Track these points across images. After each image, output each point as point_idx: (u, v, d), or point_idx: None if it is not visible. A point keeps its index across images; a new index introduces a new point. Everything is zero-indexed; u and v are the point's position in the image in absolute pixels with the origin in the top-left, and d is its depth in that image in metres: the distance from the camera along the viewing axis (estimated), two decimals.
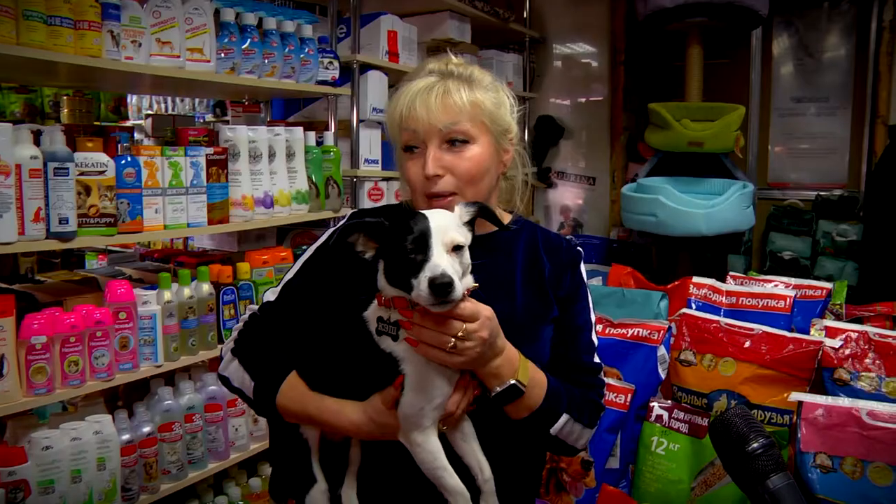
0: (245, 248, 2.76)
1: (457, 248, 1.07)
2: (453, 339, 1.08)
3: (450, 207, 1.22)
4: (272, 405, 1.23)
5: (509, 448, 1.28)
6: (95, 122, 3.77)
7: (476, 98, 1.26)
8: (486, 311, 1.11)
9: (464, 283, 1.07)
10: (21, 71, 2.17)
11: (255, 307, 1.35)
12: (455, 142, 1.24)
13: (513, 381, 1.18)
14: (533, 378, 1.22)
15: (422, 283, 1.02)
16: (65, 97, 3.42)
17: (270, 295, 1.34)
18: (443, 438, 1.16)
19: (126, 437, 2.08)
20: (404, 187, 1.35)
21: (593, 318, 1.38)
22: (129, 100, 4.24)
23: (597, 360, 1.38)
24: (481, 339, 1.10)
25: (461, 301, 1.06)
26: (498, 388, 1.17)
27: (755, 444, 1.17)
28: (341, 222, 1.33)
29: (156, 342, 2.13)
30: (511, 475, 1.27)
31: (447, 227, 1.08)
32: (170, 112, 4.47)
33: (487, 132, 1.27)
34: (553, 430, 1.27)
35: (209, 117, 4.58)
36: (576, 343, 1.35)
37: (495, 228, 1.28)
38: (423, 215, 1.09)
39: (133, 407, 2.19)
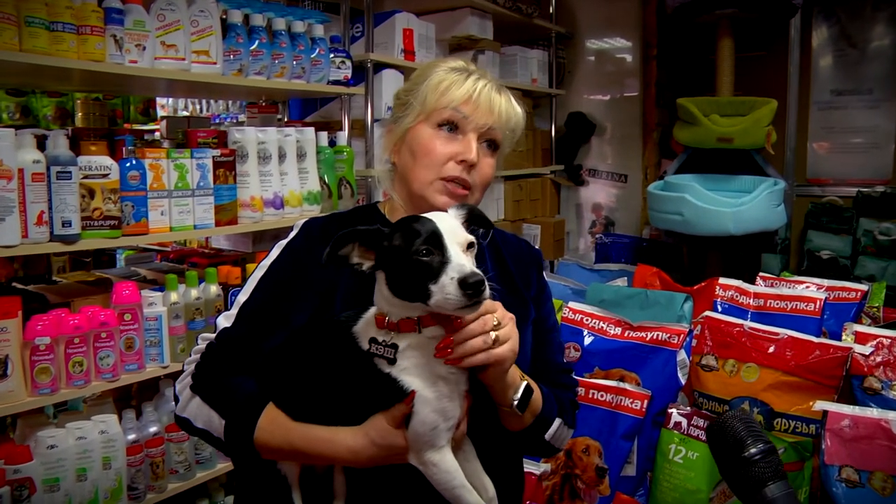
0: (259, 248, 2.77)
1: (470, 247, 1.02)
2: (493, 333, 1.03)
3: (461, 200, 1.21)
4: (249, 443, 1.11)
5: (498, 467, 1.23)
6: (126, 125, 3.85)
7: (519, 120, 1.29)
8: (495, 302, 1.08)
9: None
10: (26, 77, 2.21)
11: (211, 336, 1.22)
12: (490, 144, 1.26)
13: (525, 383, 1.14)
14: (531, 382, 1.19)
15: (448, 287, 0.95)
16: (78, 101, 3.51)
17: (225, 321, 1.22)
18: None
19: (132, 436, 2.11)
20: (386, 171, 1.32)
21: (558, 320, 1.37)
22: (164, 101, 4.32)
23: (565, 360, 1.39)
24: (512, 320, 1.07)
25: None
26: (516, 396, 1.13)
27: (753, 450, 1.11)
28: (292, 233, 1.28)
29: (161, 343, 2.14)
30: (503, 488, 1.23)
31: (455, 225, 1.03)
32: (204, 113, 4.54)
33: (502, 150, 1.30)
34: (547, 436, 1.25)
35: (242, 117, 4.64)
36: (550, 344, 1.33)
37: None
38: (425, 217, 1.03)
39: (141, 407, 2.21)
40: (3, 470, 1.81)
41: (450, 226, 1.02)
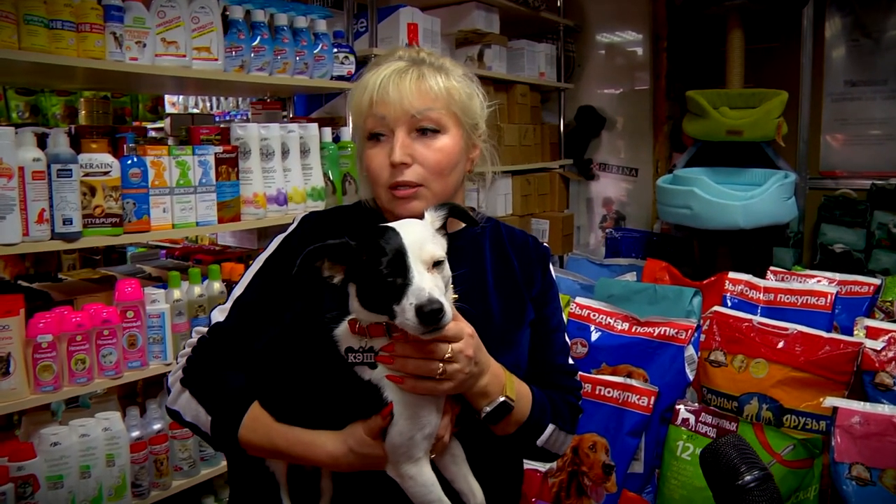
0: (264, 244, 2.76)
1: (437, 264, 1.00)
2: (441, 365, 1.01)
3: (415, 199, 1.17)
4: (234, 440, 1.12)
5: (493, 464, 1.22)
6: (135, 123, 3.85)
7: (451, 86, 1.19)
8: (467, 328, 1.05)
9: (447, 299, 0.99)
10: (27, 75, 2.22)
11: (204, 329, 1.23)
12: (426, 130, 1.17)
13: (502, 398, 1.12)
14: (519, 391, 1.17)
15: (407, 312, 0.94)
16: (82, 99, 3.52)
17: (219, 314, 1.22)
18: (431, 463, 1.08)
19: (136, 433, 2.11)
20: (364, 183, 1.28)
21: (564, 318, 1.32)
22: (175, 99, 4.32)
23: (571, 361, 1.33)
24: (468, 359, 1.04)
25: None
26: (487, 408, 1.11)
27: (748, 477, 1.08)
28: (290, 227, 1.28)
29: (164, 340, 2.14)
30: (495, 492, 1.21)
31: (422, 240, 1.00)
32: (214, 110, 4.55)
33: (459, 124, 1.21)
34: (539, 442, 1.23)
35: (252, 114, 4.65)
36: (551, 345, 1.30)
37: (460, 226, 1.22)
38: (394, 230, 1.00)
39: (146, 404, 2.22)
40: (7, 467, 1.81)
41: (418, 240, 0.99)
